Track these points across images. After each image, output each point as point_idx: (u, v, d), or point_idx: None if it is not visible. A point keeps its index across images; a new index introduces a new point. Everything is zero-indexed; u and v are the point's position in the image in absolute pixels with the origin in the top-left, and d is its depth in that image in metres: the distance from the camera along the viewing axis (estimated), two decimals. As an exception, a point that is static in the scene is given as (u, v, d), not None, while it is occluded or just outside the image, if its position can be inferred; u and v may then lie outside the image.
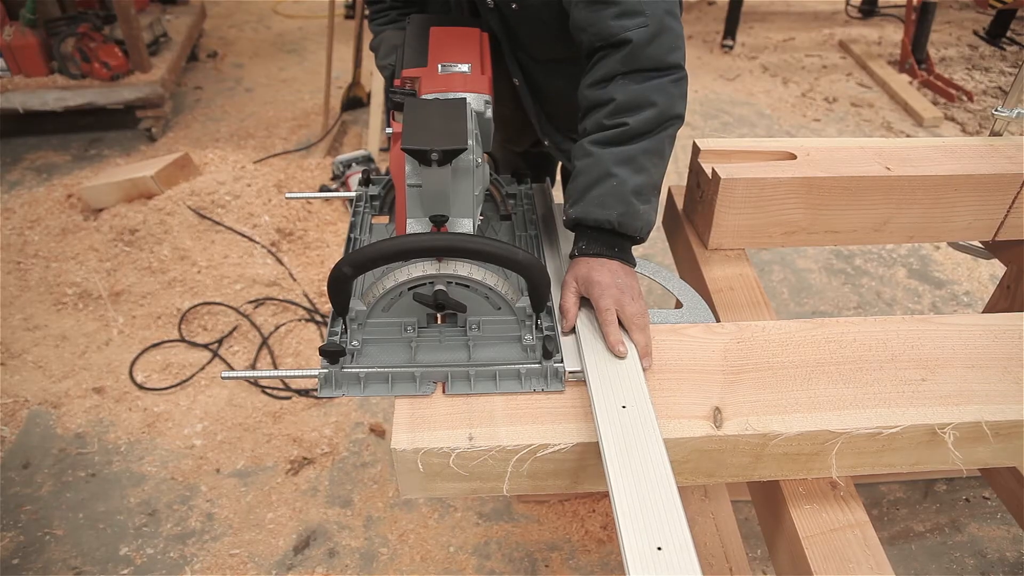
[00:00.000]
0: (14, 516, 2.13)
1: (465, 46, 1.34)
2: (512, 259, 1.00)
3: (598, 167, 1.16)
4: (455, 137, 1.01)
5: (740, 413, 1.04)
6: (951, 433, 1.04)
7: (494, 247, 0.99)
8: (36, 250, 3.02)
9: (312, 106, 4.40)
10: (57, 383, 2.52)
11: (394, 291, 1.05)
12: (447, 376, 1.07)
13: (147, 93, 3.88)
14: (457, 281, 1.05)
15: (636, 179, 1.15)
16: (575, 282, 1.17)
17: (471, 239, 0.99)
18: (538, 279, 1.03)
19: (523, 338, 1.10)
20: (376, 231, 1.38)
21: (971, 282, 3.11)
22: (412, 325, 1.11)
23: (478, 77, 1.25)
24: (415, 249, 0.99)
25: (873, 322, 1.21)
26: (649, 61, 1.16)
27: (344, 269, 0.97)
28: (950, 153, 1.55)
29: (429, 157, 0.99)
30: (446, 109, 1.09)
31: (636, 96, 1.16)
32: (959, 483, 2.23)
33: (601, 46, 1.19)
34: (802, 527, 1.08)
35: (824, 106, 4.61)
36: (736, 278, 1.48)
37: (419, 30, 1.39)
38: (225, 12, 5.85)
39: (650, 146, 1.17)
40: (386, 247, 0.97)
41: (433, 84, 1.22)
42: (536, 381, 1.07)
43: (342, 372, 1.05)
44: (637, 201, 1.16)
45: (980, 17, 5.87)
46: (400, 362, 1.08)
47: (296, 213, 3.22)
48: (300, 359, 2.66)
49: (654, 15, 1.15)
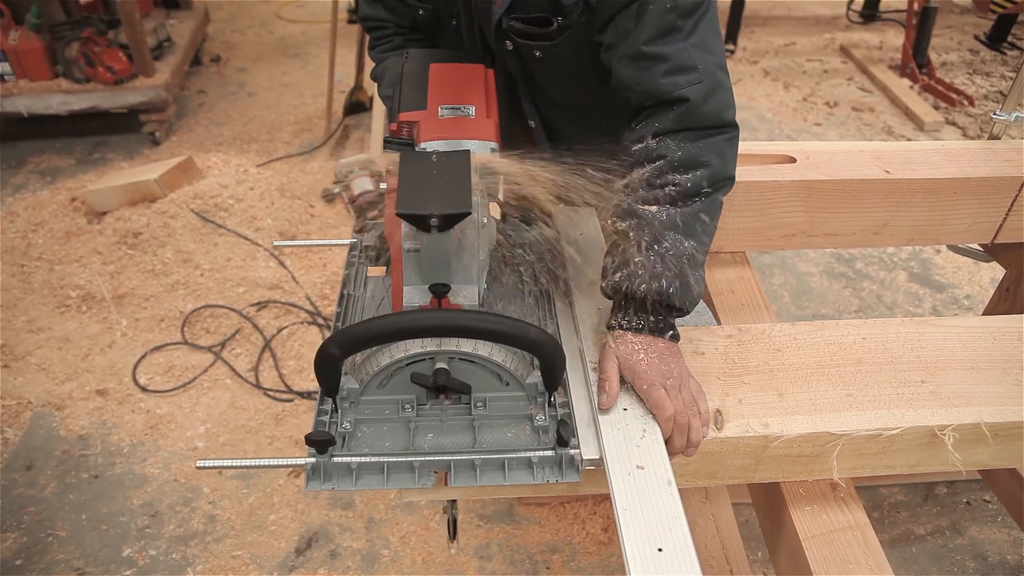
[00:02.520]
0: (17, 517, 2.13)
1: (469, 85, 1.21)
2: (523, 337, 0.89)
3: (646, 231, 1.04)
4: (457, 199, 0.91)
5: (741, 415, 1.05)
6: (951, 435, 1.05)
7: (502, 325, 0.88)
8: (40, 253, 3.03)
9: (315, 110, 4.41)
10: (60, 385, 2.53)
11: (390, 368, 0.95)
12: (450, 466, 0.95)
13: (151, 97, 3.89)
14: (460, 356, 0.95)
15: (687, 245, 1.05)
16: (617, 360, 1.04)
17: (476, 316, 0.88)
18: (552, 359, 0.92)
19: (534, 417, 0.99)
20: (372, 286, 1.26)
21: (972, 285, 3.11)
22: (411, 403, 1.00)
23: (483, 121, 1.13)
24: (412, 329, 0.87)
25: (873, 324, 1.22)
26: (703, 119, 1.08)
27: (332, 350, 0.86)
28: (949, 156, 1.56)
29: (428, 223, 0.89)
30: (447, 165, 0.97)
31: (689, 156, 1.07)
32: (960, 486, 2.24)
33: (649, 105, 1.11)
34: (802, 528, 1.08)
35: (825, 110, 4.61)
36: (737, 281, 1.49)
37: (418, 66, 1.26)
38: (228, 17, 5.87)
39: (702, 209, 1.07)
40: (380, 327, 0.86)
41: (433, 130, 1.10)
42: (550, 471, 0.96)
43: (332, 462, 0.93)
44: (688, 270, 1.05)
45: (981, 22, 5.87)
46: (397, 446, 0.97)
47: (299, 217, 3.23)
48: (302, 362, 2.66)
49: (708, 71, 1.07)
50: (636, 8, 1.08)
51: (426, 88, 1.19)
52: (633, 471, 0.92)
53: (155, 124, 4.01)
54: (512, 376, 0.97)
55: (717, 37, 1.13)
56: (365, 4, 1.44)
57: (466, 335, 0.89)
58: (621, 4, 1.10)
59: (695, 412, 1.00)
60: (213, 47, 5.28)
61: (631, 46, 1.09)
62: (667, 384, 1.00)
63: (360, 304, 1.21)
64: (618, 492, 0.89)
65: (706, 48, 1.09)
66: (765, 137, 4.28)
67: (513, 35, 1.23)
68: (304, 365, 2.65)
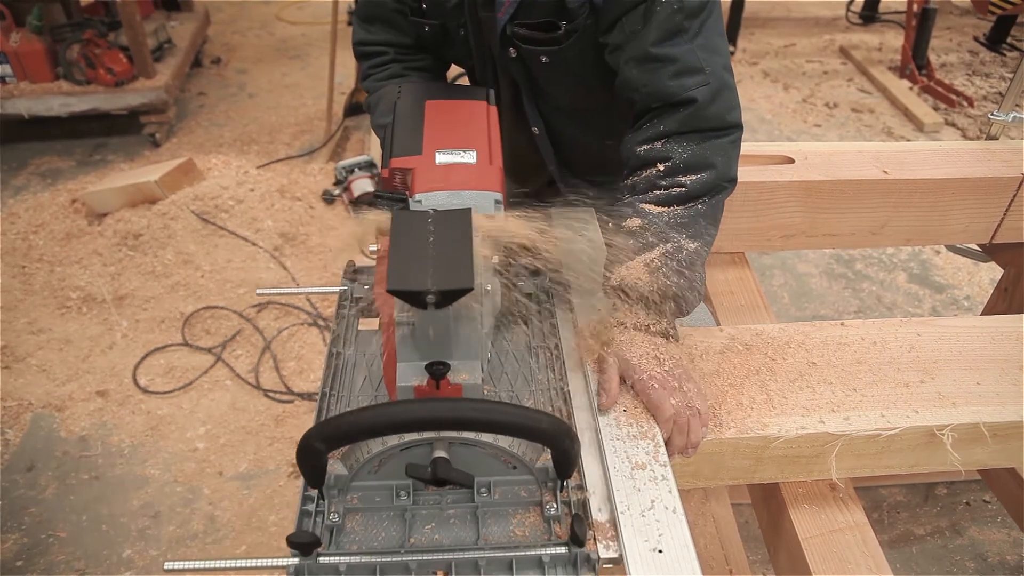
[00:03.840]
0: (18, 518, 2.14)
1: (469, 126, 1.10)
2: (534, 429, 0.78)
3: (653, 230, 1.04)
4: (458, 272, 0.79)
5: (740, 416, 1.05)
6: (949, 434, 1.05)
7: (511, 416, 0.77)
8: (41, 254, 3.04)
9: (315, 111, 4.42)
10: (61, 386, 2.54)
11: (383, 454, 0.86)
12: (451, 566, 0.84)
13: (151, 99, 3.90)
14: (462, 442, 0.85)
15: (692, 245, 1.06)
16: (616, 360, 1.03)
17: (479, 407, 0.77)
18: (567, 451, 0.81)
19: (545, 505, 0.88)
20: (366, 344, 1.13)
21: (971, 286, 3.11)
22: (406, 489, 0.89)
23: (486, 169, 1.02)
24: (407, 423, 0.76)
25: (871, 325, 1.22)
26: (709, 121, 1.09)
27: (316, 445, 0.76)
28: (947, 157, 1.57)
29: (423, 300, 0.77)
30: (446, 229, 0.84)
31: (695, 158, 1.07)
32: (959, 486, 2.24)
33: (655, 107, 1.11)
34: (801, 528, 1.09)
35: (825, 112, 4.62)
36: (736, 282, 1.49)
37: (412, 103, 1.14)
38: (228, 18, 5.88)
39: (706, 210, 1.08)
40: (370, 420, 0.75)
41: (429, 179, 1.00)
42: (562, 571, 0.85)
43: (318, 564, 0.83)
44: (691, 271, 1.05)
45: (980, 23, 5.88)
46: (392, 540, 0.86)
47: (299, 218, 3.23)
48: (303, 363, 2.67)
49: (714, 72, 1.08)
50: (643, 9, 1.08)
51: (421, 129, 1.08)
52: (633, 471, 0.92)
53: (155, 126, 4.02)
54: (520, 461, 0.87)
55: (722, 38, 1.13)
56: (361, 29, 1.38)
57: (469, 428, 0.78)
58: (628, 5, 1.09)
59: (694, 412, 0.99)
60: (213, 49, 5.28)
61: (638, 48, 1.09)
62: (667, 385, 1.00)
63: (352, 365, 1.09)
64: (618, 492, 0.90)
65: (712, 49, 1.09)
66: (765, 138, 4.29)
67: (519, 42, 1.22)
68: (304, 366, 2.66)
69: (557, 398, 1.04)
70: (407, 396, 0.84)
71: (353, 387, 1.06)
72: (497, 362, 1.09)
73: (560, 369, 1.08)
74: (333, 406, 1.02)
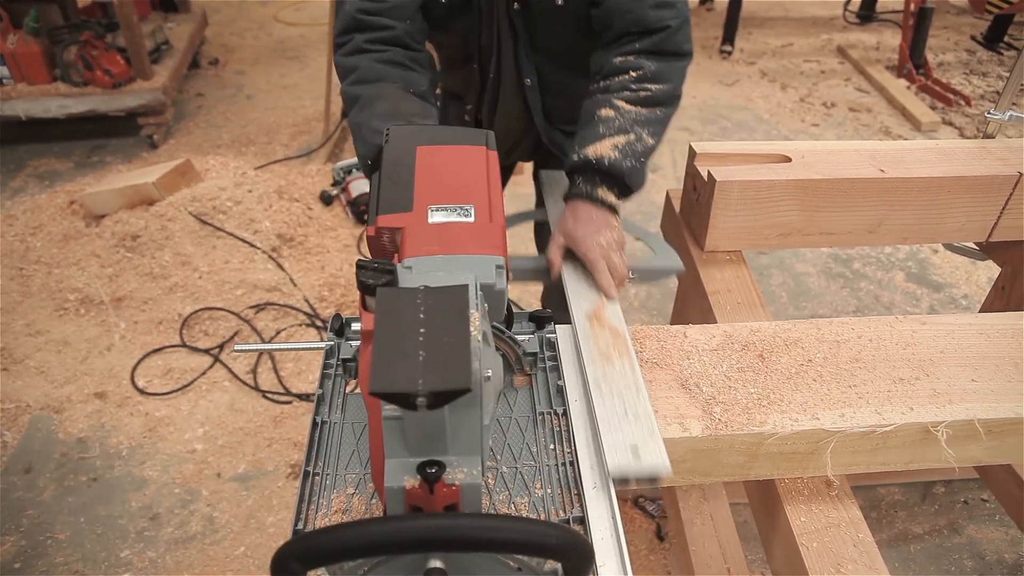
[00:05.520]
0: (16, 520, 2.13)
1: (466, 176, 0.98)
2: (542, 545, 0.69)
3: (622, 120, 1.27)
4: (453, 368, 0.67)
5: (735, 412, 1.05)
6: (944, 431, 1.05)
7: (516, 532, 0.68)
8: (38, 256, 3.04)
9: (313, 112, 4.42)
10: (59, 388, 2.54)
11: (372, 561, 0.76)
12: None
13: (149, 100, 3.90)
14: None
15: (649, 142, 1.28)
16: (562, 236, 1.26)
17: (482, 525, 0.67)
18: (579, 565, 0.72)
19: None
20: (352, 409, 1.02)
21: (969, 285, 3.12)
22: None
23: (485, 227, 0.91)
24: (398, 544, 0.66)
25: (867, 322, 1.22)
26: (674, 46, 1.33)
27: (292, 564, 0.66)
28: (943, 155, 1.57)
29: (412, 402, 0.66)
30: (438, 311, 0.72)
31: (661, 71, 1.31)
32: (957, 485, 2.24)
33: (635, 31, 1.32)
34: (797, 525, 1.09)
35: (822, 111, 4.63)
36: (733, 280, 1.49)
37: (401, 150, 1.02)
38: (226, 19, 5.88)
39: (662, 117, 1.32)
40: (354, 540, 0.66)
41: (421, 242, 0.88)
42: None
43: None
44: (643, 159, 1.27)
45: (978, 22, 5.89)
46: None
47: (296, 219, 3.23)
48: (301, 364, 2.67)
49: (681, 8, 1.34)
50: None
51: (412, 181, 0.96)
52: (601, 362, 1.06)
53: (153, 127, 4.02)
54: (525, 564, 0.79)
55: None
56: None
57: (470, 549, 0.68)
58: None
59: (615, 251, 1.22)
60: (211, 50, 5.29)
61: None
62: (600, 248, 1.22)
63: (338, 436, 0.99)
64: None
65: None
66: (762, 137, 4.29)
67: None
68: (303, 367, 2.66)
69: (567, 475, 0.95)
70: (397, 499, 0.75)
71: (339, 463, 0.95)
72: (499, 430, 1.00)
73: (569, 438, 0.99)
74: (316, 488, 0.91)
